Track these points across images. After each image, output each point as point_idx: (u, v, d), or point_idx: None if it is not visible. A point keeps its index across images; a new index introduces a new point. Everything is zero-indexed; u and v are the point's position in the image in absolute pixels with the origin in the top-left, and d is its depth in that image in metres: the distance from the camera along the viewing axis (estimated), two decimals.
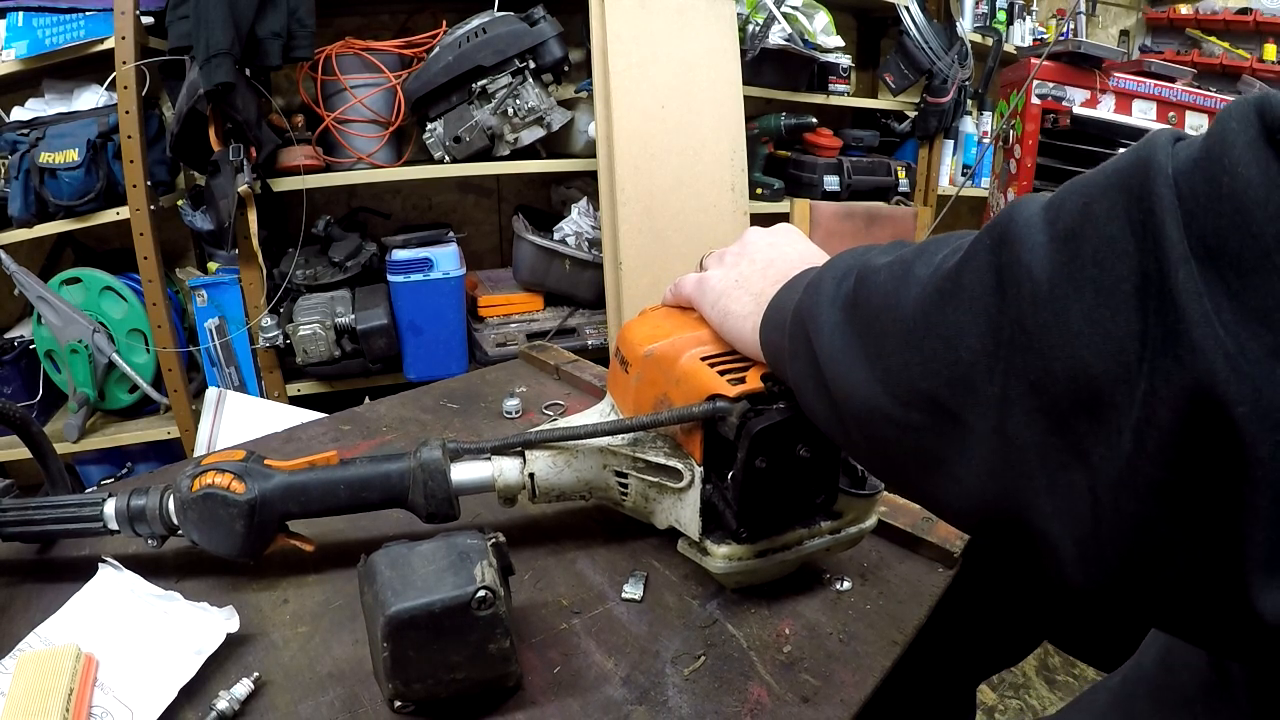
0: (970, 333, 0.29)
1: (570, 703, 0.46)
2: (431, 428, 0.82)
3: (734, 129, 1.96)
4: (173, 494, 0.54)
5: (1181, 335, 0.22)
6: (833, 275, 0.40)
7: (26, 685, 0.44)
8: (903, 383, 0.32)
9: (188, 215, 1.72)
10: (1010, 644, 0.78)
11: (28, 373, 1.79)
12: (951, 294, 0.30)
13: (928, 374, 0.31)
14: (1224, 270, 0.21)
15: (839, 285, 0.39)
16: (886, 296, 0.34)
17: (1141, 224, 0.23)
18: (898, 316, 0.33)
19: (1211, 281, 0.22)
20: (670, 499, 0.56)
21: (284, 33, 1.57)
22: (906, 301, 0.32)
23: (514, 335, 1.94)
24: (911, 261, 0.34)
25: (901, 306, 0.33)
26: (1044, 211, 0.27)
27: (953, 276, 0.30)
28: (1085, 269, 0.25)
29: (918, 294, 0.32)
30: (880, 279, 0.35)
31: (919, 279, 0.32)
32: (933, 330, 0.31)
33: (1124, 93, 1.96)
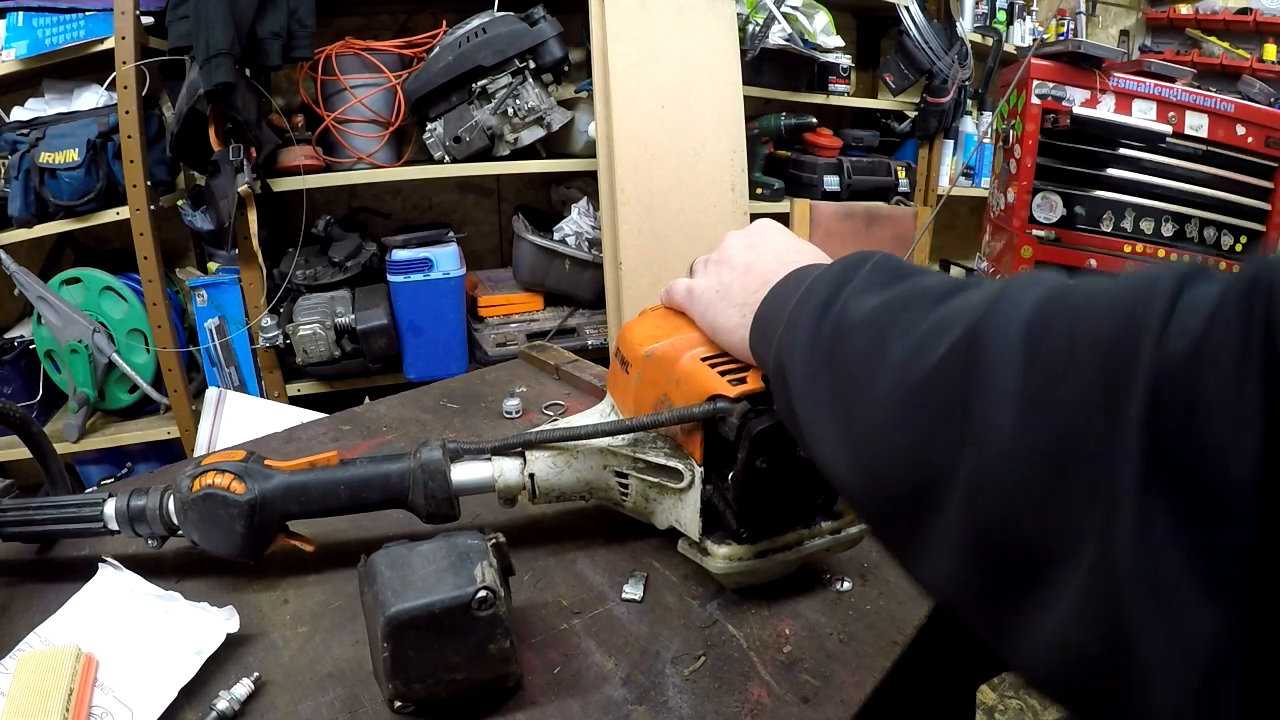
0: (937, 449, 0.28)
1: (570, 703, 0.46)
2: (431, 428, 0.82)
3: (734, 129, 1.96)
4: (173, 494, 0.54)
5: (1115, 550, 0.21)
6: (814, 307, 0.38)
7: (26, 685, 0.44)
8: (869, 469, 0.32)
9: (188, 215, 1.72)
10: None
11: (28, 373, 1.79)
12: (920, 402, 0.29)
13: (893, 468, 0.30)
14: (1177, 500, 0.21)
15: (817, 326, 0.37)
16: (859, 368, 0.33)
17: (1113, 422, 0.22)
18: (868, 398, 0.32)
19: (1160, 506, 0.21)
20: (670, 499, 0.56)
21: (284, 33, 1.57)
22: (877, 386, 0.31)
23: (514, 335, 1.94)
24: (889, 330, 0.32)
25: (872, 389, 0.32)
26: (1024, 343, 0.26)
27: (926, 383, 0.29)
28: (1050, 443, 0.24)
29: (889, 383, 0.31)
30: (856, 346, 0.34)
31: (894, 364, 0.31)
32: (900, 430, 0.30)
33: (1124, 93, 1.96)
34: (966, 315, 0.29)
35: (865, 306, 0.35)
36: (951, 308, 0.30)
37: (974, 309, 0.29)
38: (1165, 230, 2.03)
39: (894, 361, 0.31)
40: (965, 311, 0.29)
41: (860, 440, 0.33)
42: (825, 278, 0.40)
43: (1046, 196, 2.00)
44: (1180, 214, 2.02)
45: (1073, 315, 0.25)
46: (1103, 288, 0.25)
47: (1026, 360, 0.25)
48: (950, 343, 0.29)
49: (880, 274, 0.38)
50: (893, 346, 0.31)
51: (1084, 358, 0.24)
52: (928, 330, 0.30)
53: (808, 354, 0.38)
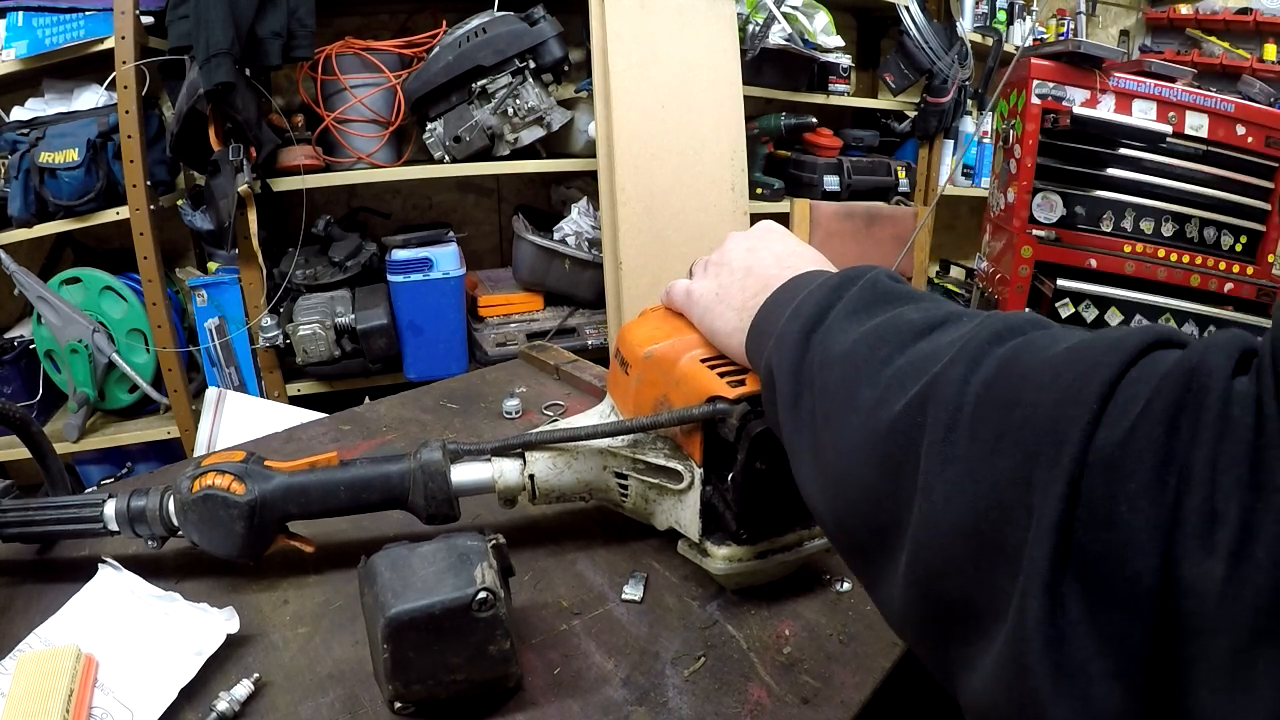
0: (893, 497, 0.29)
1: (570, 704, 0.46)
2: (431, 428, 0.82)
3: (734, 129, 1.96)
4: (173, 495, 0.54)
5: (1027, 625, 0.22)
6: (801, 328, 0.39)
7: (26, 686, 0.44)
8: (836, 502, 0.34)
9: (188, 215, 1.72)
10: None
11: (28, 373, 1.79)
12: (882, 450, 0.30)
13: (857, 506, 0.32)
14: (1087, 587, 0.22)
15: (803, 349, 0.38)
16: (834, 404, 0.34)
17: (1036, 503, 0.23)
18: (839, 435, 0.33)
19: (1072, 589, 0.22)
20: (670, 500, 0.56)
21: (284, 32, 1.57)
22: (848, 426, 0.33)
23: (514, 335, 1.94)
24: (862, 369, 0.33)
25: (843, 428, 0.33)
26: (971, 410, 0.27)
27: (887, 432, 0.30)
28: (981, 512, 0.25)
29: (857, 426, 0.32)
30: (833, 379, 0.35)
31: (862, 407, 0.32)
32: (865, 473, 0.31)
33: (1124, 93, 1.96)
34: (931, 365, 0.30)
35: (846, 338, 0.36)
36: (920, 353, 0.31)
37: (940, 357, 0.30)
38: (1165, 230, 2.03)
39: (862, 404, 0.32)
40: (932, 359, 0.30)
41: (831, 473, 0.34)
42: (816, 295, 0.40)
43: (1046, 196, 2.00)
44: (1180, 214, 2.02)
45: (1019, 386, 0.26)
46: (1055, 356, 0.26)
47: (969, 428, 0.27)
48: (909, 397, 0.29)
49: (867, 296, 0.38)
50: (863, 390, 0.32)
51: (1019, 435, 0.25)
52: (894, 377, 0.31)
53: (792, 376, 0.38)
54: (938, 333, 0.32)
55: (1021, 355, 0.27)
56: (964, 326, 0.32)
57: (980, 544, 0.25)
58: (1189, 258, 2.03)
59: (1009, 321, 0.30)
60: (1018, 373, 0.26)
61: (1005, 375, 0.27)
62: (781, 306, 0.44)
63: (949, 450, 0.27)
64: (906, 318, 0.34)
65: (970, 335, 0.30)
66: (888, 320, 0.35)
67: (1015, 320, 0.30)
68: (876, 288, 0.38)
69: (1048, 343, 0.27)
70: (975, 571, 0.25)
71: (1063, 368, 0.25)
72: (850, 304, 0.38)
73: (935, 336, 0.32)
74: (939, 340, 0.32)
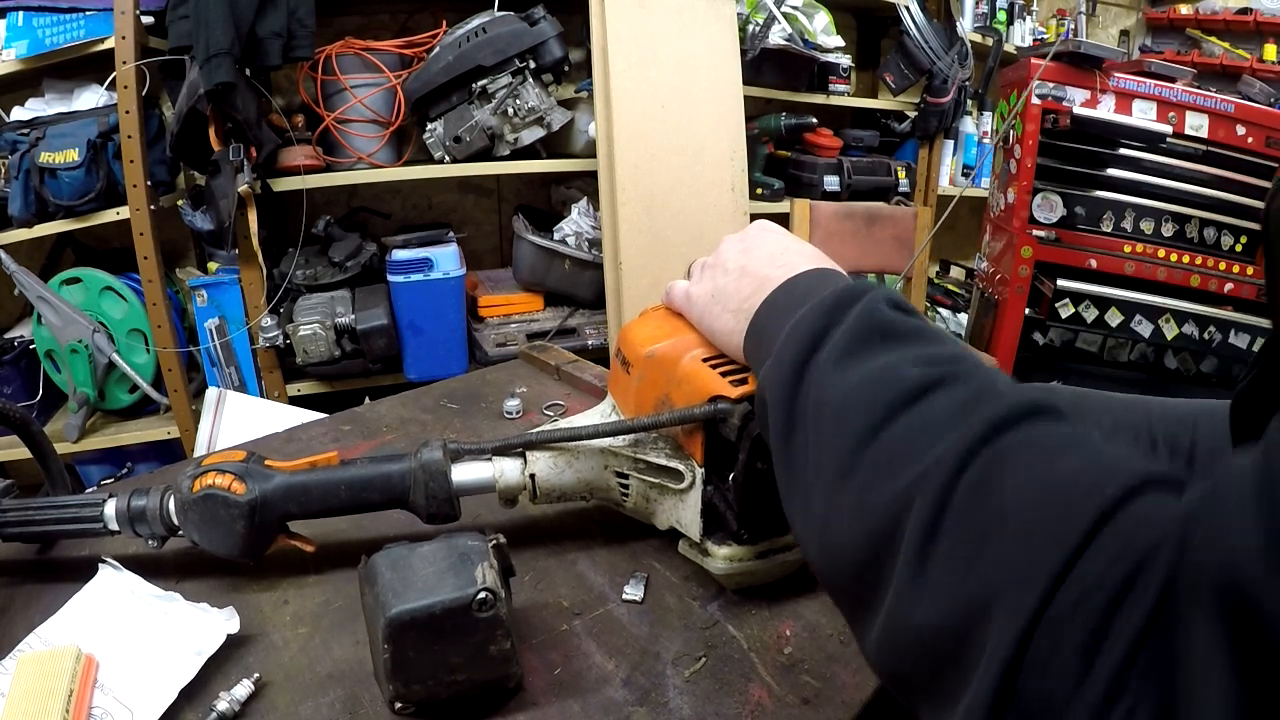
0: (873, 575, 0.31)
1: (571, 704, 0.46)
2: (432, 428, 0.82)
3: (734, 129, 1.96)
4: (173, 494, 0.54)
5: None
6: (792, 359, 0.38)
7: (26, 686, 0.44)
8: (820, 552, 0.35)
9: (188, 215, 1.72)
10: None
11: (28, 373, 1.79)
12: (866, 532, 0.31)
13: (839, 566, 0.33)
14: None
15: (796, 384, 0.38)
16: (823, 463, 0.35)
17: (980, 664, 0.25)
18: (827, 497, 0.34)
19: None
20: (671, 500, 0.56)
21: (284, 32, 1.57)
22: (836, 498, 0.33)
23: (514, 335, 1.94)
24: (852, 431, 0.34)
25: (831, 493, 0.34)
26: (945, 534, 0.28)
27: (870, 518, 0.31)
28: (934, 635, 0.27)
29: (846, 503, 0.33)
30: (826, 431, 0.35)
31: (854, 482, 0.33)
32: (850, 543, 0.32)
33: (1124, 93, 1.96)
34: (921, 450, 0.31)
35: (840, 384, 0.36)
36: (912, 428, 0.32)
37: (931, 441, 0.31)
38: (1165, 230, 2.03)
39: (851, 479, 0.33)
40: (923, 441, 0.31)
41: (819, 526, 0.35)
42: (811, 318, 0.39)
43: (1046, 196, 2.00)
44: (1180, 214, 2.02)
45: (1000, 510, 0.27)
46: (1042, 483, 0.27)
47: (948, 543, 0.28)
48: (897, 490, 0.30)
49: (864, 330, 0.37)
50: (853, 461, 0.33)
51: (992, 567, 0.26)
52: (885, 456, 0.32)
53: (785, 409, 0.38)
54: (932, 398, 0.33)
55: (1007, 469, 0.28)
56: (958, 395, 0.32)
57: (940, 654, 0.27)
58: (1189, 258, 2.03)
59: (1007, 408, 0.30)
60: (1001, 496, 0.27)
61: (987, 495, 0.28)
62: (778, 314, 0.43)
63: (924, 560, 0.28)
64: (901, 374, 0.34)
65: (964, 423, 0.30)
66: (881, 372, 0.35)
67: (1015, 406, 0.30)
68: (874, 319, 0.38)
69: (1039, 453, 0.28)
70: (931, 676, 0.28)
71: (1045, 505, 0.26)
72: (845, 337, 0.37)
73: (929, 404, 0.32)
74: (933, 411, 0.32)
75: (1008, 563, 0.26)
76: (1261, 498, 0.21)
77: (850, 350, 0.37)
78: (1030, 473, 0.28)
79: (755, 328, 0.46)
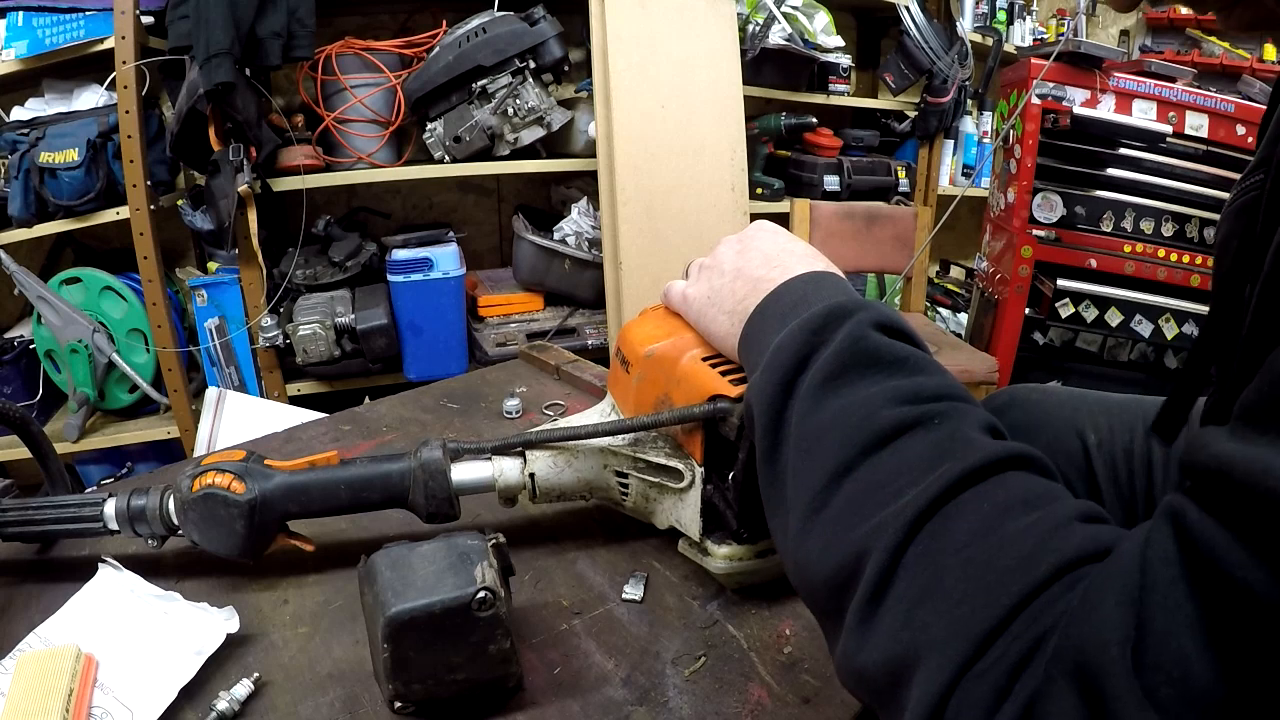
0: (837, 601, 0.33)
1: (570, 703, 0.46)
2: (431, 428, 0.82)
3: (734, 129, 1.96)
4: (173, 494, 0.54)
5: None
6: (779, 375, 0.39)
7: (26, 685, 0.44)
8: (796, 569, 0.36)
9: (188, 215, 1.72)
10: None
11: (28, 373, 1.79)
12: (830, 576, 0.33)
13: (811, 586, 0.35)
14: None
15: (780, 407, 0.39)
16: (800, 491, 0.36)
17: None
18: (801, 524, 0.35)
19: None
20: (671, 499, 0.56)
21: (284, 32, 1.57)
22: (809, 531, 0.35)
23: (514, 335, 1.94)
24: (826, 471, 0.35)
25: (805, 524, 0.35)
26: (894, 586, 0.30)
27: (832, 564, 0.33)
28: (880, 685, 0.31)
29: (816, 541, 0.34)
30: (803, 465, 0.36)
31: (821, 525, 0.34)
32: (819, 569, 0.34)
33: (1124, 93, 1.96)
34: (880, 504, 0.32)
35: (819, 412, 0.37)
36: (876, 477, 0.34)
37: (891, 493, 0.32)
38: (1165, 230, 2.03)
39: (820, 521, 0.35)
40: (885, 493, 0.33)
41: (796, 549, 0.36)
42: (799, 337, 0.40)
43: (1046, 196, 2.00)
44: (1180, 214, 2.02)
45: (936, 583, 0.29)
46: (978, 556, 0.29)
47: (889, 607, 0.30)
48: (854, 544, 0.32)
49: (846, 357, 0.38)
50: (827, 491, 0.35)
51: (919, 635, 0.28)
52: (856, 490, 0.34)
53: (770, 430, 0.39)
54: (906, 441, 0.34)
55: (961, 528, 0.30)
56: (934, 436, 0.34)
57: (878, 691, 0.30)
58: (1189, 258, 2.03)
59: (978, 460, 0.32)
60: (946, 555, 0.29)
61: (935, 554, 0.30)
62: (769, 322, 0.44)
63: (875, 606, 0.30)
64: (878, 415, 0.35)
65: (929, 474, 0.32)
66: (860, 407, 0.36)
67: (986, 457, 0.32)
68: (859, 346, 0.38)
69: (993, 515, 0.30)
70: (876, 705, 0.31)
71: (982, 573, 0.28)
72: (829, 363, 0.38)
73: (901, 448, 0.34)
74: (904, 457, 0.33)
75: (939, 622, 0.28)
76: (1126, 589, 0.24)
77: (834, 375, 0.37)
78: (977, 538, 0.29)
79: (747, 334, 0.46)
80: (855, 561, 0.32)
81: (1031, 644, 0.26)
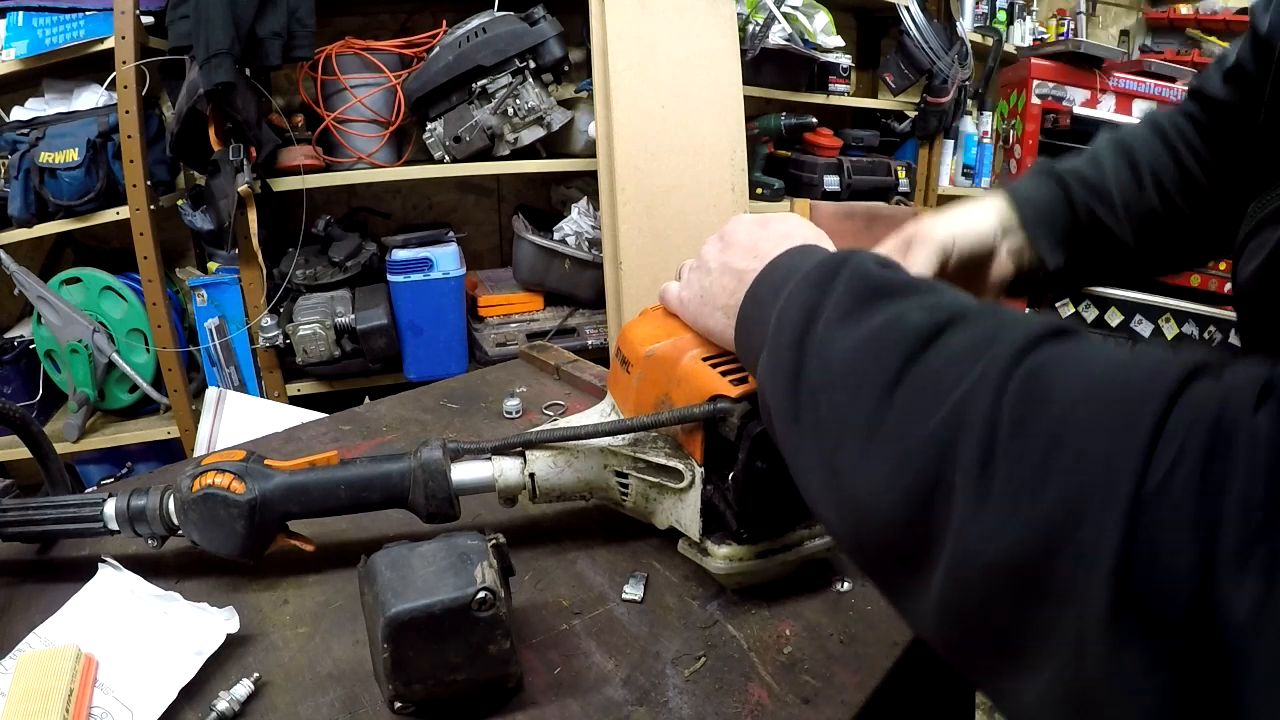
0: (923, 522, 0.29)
1: (570, 704, 0.46)
2: (431, 428, 0.82)
3: (734, 129, 1.96)
4: (173, 494, 0.54)
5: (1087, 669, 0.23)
6: (789, 340, 0.37)
7: (26, 685, 0.44)
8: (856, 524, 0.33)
9: (188, 215, 1.72)
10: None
11: (28, 373, 1.79)
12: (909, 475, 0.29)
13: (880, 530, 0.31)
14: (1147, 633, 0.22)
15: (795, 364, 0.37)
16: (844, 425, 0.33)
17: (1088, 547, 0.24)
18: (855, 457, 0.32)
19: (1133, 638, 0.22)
20: (671, 499, 0.56)
21: (284, 32, 1.57)
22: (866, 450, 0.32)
23: (514, 335, 1.94)
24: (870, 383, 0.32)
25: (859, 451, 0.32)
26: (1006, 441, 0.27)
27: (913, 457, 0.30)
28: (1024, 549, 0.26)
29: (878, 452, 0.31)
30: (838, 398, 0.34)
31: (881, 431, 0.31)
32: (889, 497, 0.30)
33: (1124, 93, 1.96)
34: (950, 385, 0.29)
35: (844, 346, 0.34)
36: (932, 367, 0.31)
37: (959, 375, 0.29)
38: None
39: (879, 431, 0.31)
40: (951, 376, 0.29)
41: (848, 498, 0.33)
42: (799, 296, 0.39)
43: None
44: None
45: (1060, 418, 0.26)
46: (1094, 385, 0.26)
47: (1008, 463, 0.26)
48: (933, 426, 0.29)
49: (857, 291, 0.36)
50: (876, 412, 0.31)
51: (1068, 475, 0.24)
52: (910, 399, 0.30)
53: (789, 391, 0.37)
54: (947, 337, 0.31)
55: (1052, 378, 0.27)
56: (975, 330, 0.31)
57: (1024, 581, 0.25)
58: None
59: (1029, 332, 0.29)
60: (1054, 401, 0.26)
61: (1040, 404, 0.26)
62: (762, 304, 0.43)
63: (985, 485, 0.26)
64: (909, 320, 0.33)
65: (990, 352, 0.29)
66: (887, 323, 0.33)
67: (1036, 329, 0.29)
68: (866, 281, 0.36)
69: (1076, 362, 0.27)
70: (1019, 608, 0.25)
71: (1106, 402, 0.25)
72: (840, 303, 0.36)
73: (945, 343, 0.31)
74: (950, 348, 0.31)
75: (1083, 462, 0.24)
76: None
77: (849, 313, 0.35)
78: (1077, 377, 0.26)
79: (742, 323, 0.46)
80: (939, 455, 0.28)
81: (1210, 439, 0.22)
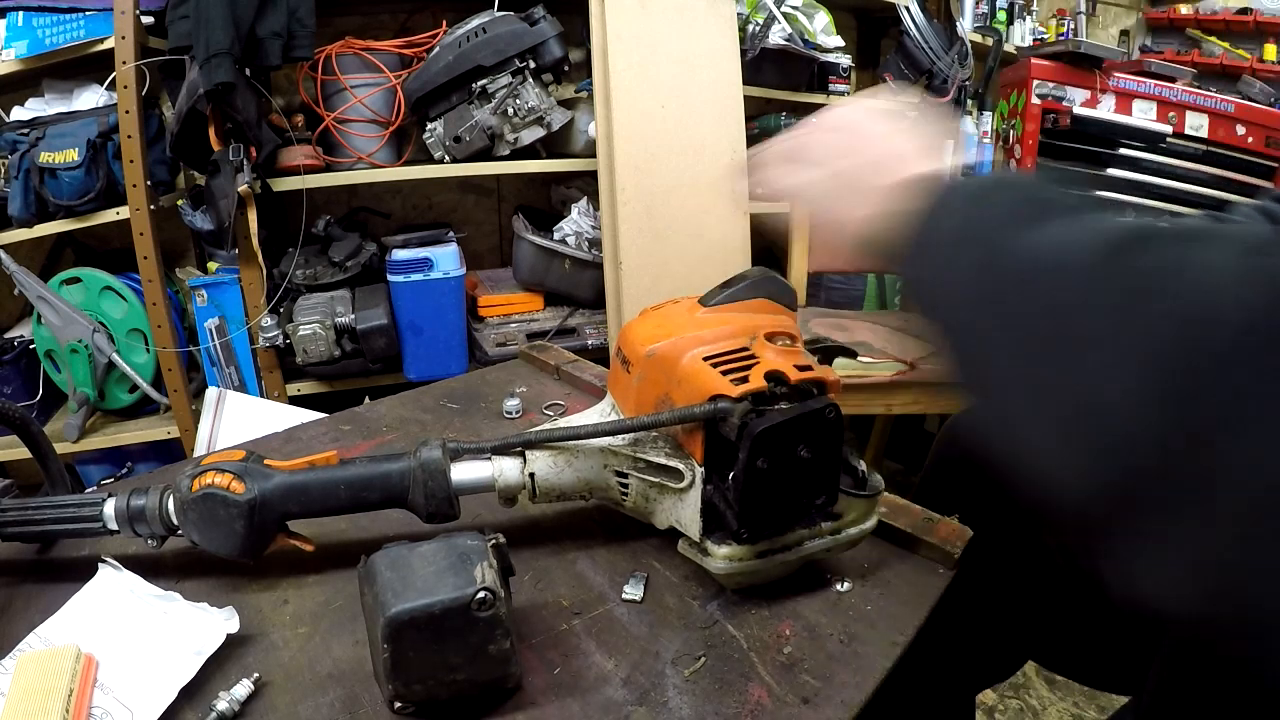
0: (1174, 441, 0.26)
1: (570, 703, 0.46)
2: (431, 428, 0.82)
3: (734, 129, 1.96)
4: (173, 494, 0.54)
5: None
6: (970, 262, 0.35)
7: (26, 685, 0.44)
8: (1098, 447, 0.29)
9: (188, 215, 1.72)
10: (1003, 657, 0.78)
11: (28, 373, 1.79)
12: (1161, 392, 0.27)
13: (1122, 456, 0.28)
14: None
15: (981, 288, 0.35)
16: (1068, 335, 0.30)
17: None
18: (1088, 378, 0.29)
19: None
20: (671, 499, 0.56)
21: (284, 32, 1.57)
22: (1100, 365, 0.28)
23: (514, 335, 1.94)
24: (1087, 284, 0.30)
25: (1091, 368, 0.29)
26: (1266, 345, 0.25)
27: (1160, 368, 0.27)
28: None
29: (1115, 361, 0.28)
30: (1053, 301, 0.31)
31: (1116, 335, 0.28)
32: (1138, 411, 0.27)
33: (1124, 93, 1.96)
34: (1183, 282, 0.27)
35: (1038, 253, 0.32)
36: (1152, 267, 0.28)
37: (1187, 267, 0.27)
38: None
39: (1113, 333, 0.28)
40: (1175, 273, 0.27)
41: (1082, 416, 0.29)
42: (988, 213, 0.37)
43: None
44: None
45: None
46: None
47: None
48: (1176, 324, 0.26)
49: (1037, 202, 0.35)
50: (1105, 314, 0.29)
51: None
52: (1137, 295, 0.28)
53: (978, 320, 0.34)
54: (1155, 245, 0.29)
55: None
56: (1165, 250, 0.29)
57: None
58: None
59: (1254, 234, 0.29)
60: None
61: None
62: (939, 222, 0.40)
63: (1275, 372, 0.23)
64: (1104, 224, 0.31)
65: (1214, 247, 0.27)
66: (1081, 228, 0.32)
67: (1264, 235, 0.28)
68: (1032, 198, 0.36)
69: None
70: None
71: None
72: (1020, 212, 0.35)
73: (1156, 251, 0.29)
74: (1166, 253, 0.29)
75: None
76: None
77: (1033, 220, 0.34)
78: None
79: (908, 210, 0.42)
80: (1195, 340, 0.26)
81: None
